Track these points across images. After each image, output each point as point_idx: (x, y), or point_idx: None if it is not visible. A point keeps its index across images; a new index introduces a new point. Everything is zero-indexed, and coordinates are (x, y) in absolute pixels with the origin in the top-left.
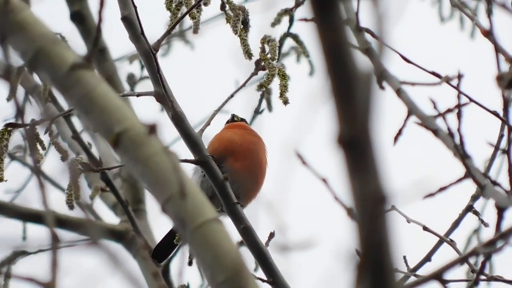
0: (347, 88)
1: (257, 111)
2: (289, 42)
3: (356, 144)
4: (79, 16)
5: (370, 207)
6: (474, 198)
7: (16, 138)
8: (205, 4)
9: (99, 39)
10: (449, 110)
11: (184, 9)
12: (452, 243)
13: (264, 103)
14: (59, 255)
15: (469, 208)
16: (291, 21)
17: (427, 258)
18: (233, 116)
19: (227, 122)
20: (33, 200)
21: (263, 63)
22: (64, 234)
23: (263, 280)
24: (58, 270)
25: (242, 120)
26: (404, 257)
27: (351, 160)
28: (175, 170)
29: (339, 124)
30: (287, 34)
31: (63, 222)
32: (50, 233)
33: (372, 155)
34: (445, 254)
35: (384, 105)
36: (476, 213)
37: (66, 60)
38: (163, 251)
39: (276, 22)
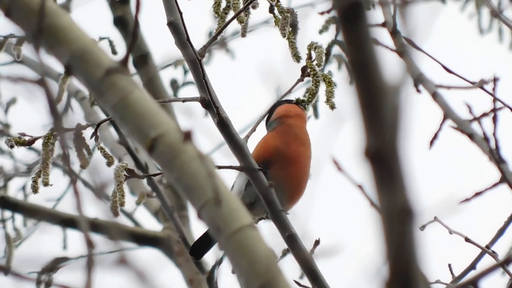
0: (374, 101)
1: None
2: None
3: (382, 158)
4: (122, 21)
5: (396, 220)
6: None
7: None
8: (254, 7)
9: (134, 43)
10: (485, 114)
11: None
12: (493, 255)
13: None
14: (94, 262)
15: None
16: (338, 28)
17: (472, 267)
18: (301, 100)
19: (290, 101)
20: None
21: (309, 70)
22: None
23: None
24: (93, 278)
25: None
26: (449, 265)
27: (377, 173)
28: (210, 176)
29: (366, 137)
30: (335, 42)
31: (99, 228)
32: (85, 239)
33: (400, 168)
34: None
35: (413, 115)
36: None
37: (101, 65)
38: (201, 248)
39: (323, 29)
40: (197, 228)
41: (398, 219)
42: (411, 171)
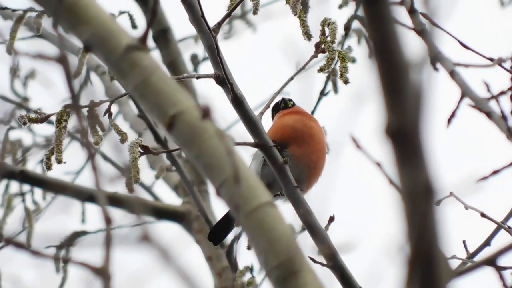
0: (395, 79)
1: (322, 93)
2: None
3: (403, 135)
4: None
5: (418, 199)
6: None
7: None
8: None
9: (154, 21)
10: (503, 93)
11: None
12: (509, 230)
13: (329, 85)
14: (112, 238)
15: None
16: (358, 3)
17: (486, 243)
18: (284, 101)
19: (278, 107)
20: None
21: (322, 46)
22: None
23: (323, 264)
24: (111, 255)
25: (291, 102)
26: (464, 241)
27: (399, 151)
28: (229, 154)
29: (387, 115)
30: (355, 16)
31: (119, 202)
32: (103, 215)
33: (421, 146)
34: (505, 242)
35: (433, 94)
36: None
37: (120, 42)
38: (219, 233)
39: (343, 4)
40: (217, 203)
41: (420, 197)
42: (432, 150)
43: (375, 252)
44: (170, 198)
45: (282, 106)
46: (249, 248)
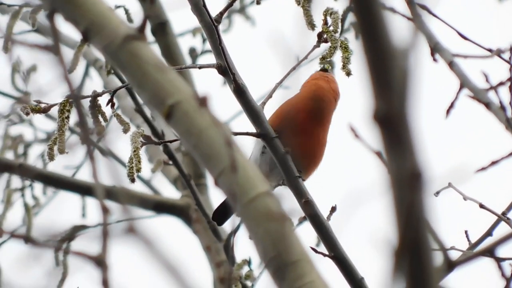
0: (383, 64)
1: None
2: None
3: (391, 121)
4: None
5: (405, 186)
6: None
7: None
8: None
9: (152, 8)
10: (501, 83)
11: None
12: (508, 221)
13: None
14: (109, 228)
15: None
16: None
17: (488, 233)
18: (324, 68)
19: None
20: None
21: (325, 36)
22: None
23: (324, 255)
24: (108, 244)
25: (329, 67)
26: (466, 232)
27: (386, 137)
28: (227, 144)
29: (375, 100)
30: (350, 8)
31: (117, 196)
32: (100, 206)
33: (408, 132)
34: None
35: (422, 80)
36: None
37: (119, 32)
38: (223, 213)
39: None
40: (216, 197)
41: (406, 184)
42: (421, 136)
43: (366, 240)
44: (169, 191)
45: (322, 68)
46: (250, 238)
